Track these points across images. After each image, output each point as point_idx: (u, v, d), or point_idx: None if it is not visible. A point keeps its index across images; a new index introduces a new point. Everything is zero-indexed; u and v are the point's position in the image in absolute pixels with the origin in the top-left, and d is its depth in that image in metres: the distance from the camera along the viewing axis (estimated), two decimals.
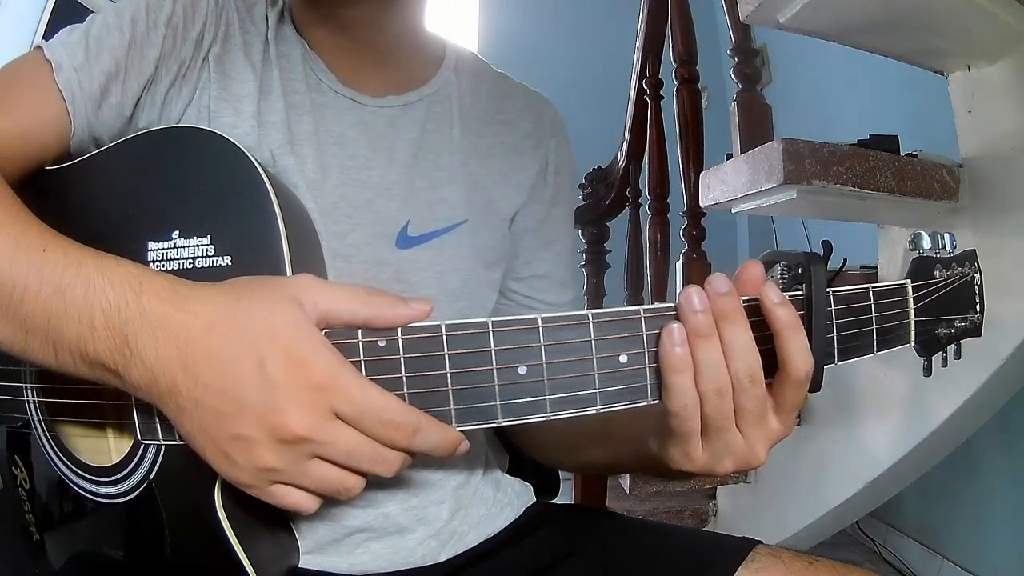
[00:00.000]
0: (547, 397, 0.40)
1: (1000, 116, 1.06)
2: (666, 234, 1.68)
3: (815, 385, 0.42)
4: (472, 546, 0.62)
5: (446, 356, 0.39)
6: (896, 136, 1.15)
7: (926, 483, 1.45)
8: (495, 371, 0.40)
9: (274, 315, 0.38)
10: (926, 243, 0.49)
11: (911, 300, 0.47)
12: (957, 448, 1.31)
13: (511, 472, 0.70)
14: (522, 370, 0.40)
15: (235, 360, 0.37)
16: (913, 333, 0.47)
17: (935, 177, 1.08)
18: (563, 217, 0.69)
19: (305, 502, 0.40)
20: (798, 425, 1.43)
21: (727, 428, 0.41)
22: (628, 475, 1.48)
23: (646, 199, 1.74)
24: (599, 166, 2.06)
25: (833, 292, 0.44)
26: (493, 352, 0.40)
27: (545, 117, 0.69)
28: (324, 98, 0.59)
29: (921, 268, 0.48)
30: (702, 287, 0.40)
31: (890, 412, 1.26)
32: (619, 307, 0.42)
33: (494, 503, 0.65)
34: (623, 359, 0.41)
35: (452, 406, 0.40)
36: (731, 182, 1.14)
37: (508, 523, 0.65)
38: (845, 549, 1.93)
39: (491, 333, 0.40)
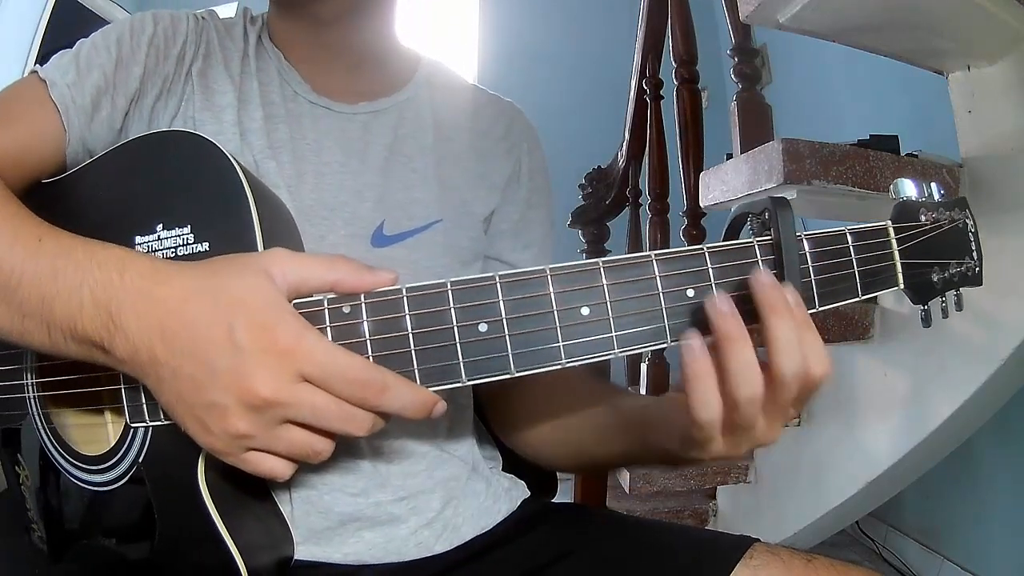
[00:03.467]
0: (510, 353, 0.40)
1: (1000, 116, 1.06)
2: (666, 234, 1.68)
3: None
4: (468, 539, 0.62)
5: (407, 317, 0.40)
6: (896, 136, 1.15)
7: (926, 483, 1.45)
8: (456, 329, 0.40)
9: (243, 286, 0.40)
10: (908, 189, 0.47)
11: (894, 242, 0.45)
12: (957, 448, 1.31)
13: (508, 470, 0.71)
14: (483, 327, 0.40)
15: (207, 328, 0.39)
16: (900, 276, 0.46)
17: (935, 177, 1.08)
18: (540, 220, 0.71)
19: (279, 468, 0.41)
20: (798, 425, 1.44)
21: (753, 426, 0.41)
22: (628, 475, 1.48)
23: (646, 199, 1.74)
24: (599, 166, 2.06)
25: (807, 235, 0.43)
26: (453, 310, 0.40)
27: (516, 125, 0.71)
28: (300, 108, 0.62)
29: (904, 211, 0.47)
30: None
31: (890, 412, 1.26)
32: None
33: (486, 496, 0.65)
34: (585, 311, 0.41)
35: (416, 366, 0.41)
36: (731, 182, 1.15)
37: (503, 517, 0.66)
38: (845, 549, 1.94)
39: (449, 292, 0.40)
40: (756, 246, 0.42)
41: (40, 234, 0.43)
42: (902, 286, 0.46)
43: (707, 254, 0.42)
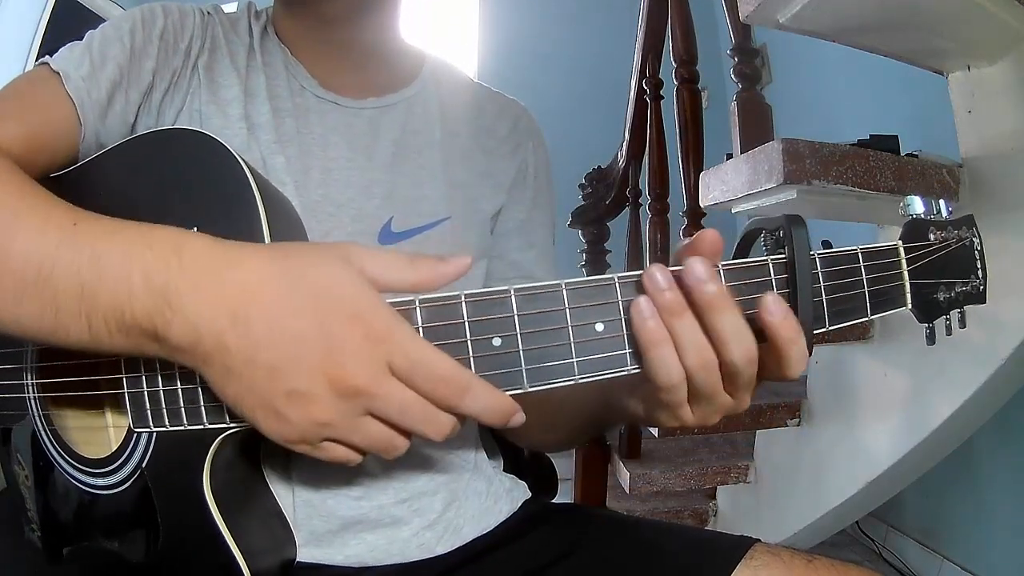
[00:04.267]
0: (523, 368, 0.40)
1: (1000, 116, 1.06)
2: (666, 234, 1.67)
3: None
4: (469, 540, 0.62)
5: (420, 329, 0.40)
6: (896, 136, 1.15)
7: (926, 483, 1.45)
8: (469, 343, 0.40)
9: (330, 273, 0.38)
10: (918, 206, 0.47)
11: (904, 262, 0.45)
12: (957, 448, 1.31)
13: (509, 471, 0.71)
14: (496, 341, 0.40)
15: (292, 315, 0.37)
16: (909, 296, 0.46)
17: (935, 177, 1.08)
18: (543, 221, 0.71)
19: (352, 456, 0.40)
20: (798, 425, 1.43)
21: (717, 394, 0.41)
22: (628, 475, 1.48)
23: (646, 199, 1.74)
24: (599, 166, 2.06)
25: (819, 254, 0.43)
26: (467, 324, 0.39)
27: (521, 123, 0.71)
28: (307, 103, 0.62)
29: (914, 230, 0.47)
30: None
31: (890, 412, 1.26)
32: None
33: (487, 496, 0.65)
34: (599, 327, 0.40)
35: None
36: (731, 182, 1.14)
37: (504, 518, 0.66)
38: (845, 549, 1.94)
39: (463, 304, 0.40)
40: (770, 264, 0.42)
41: (75, 218, 0.40)
42: (909, 306, 0.46)
43: (721, 271, 0.41)
